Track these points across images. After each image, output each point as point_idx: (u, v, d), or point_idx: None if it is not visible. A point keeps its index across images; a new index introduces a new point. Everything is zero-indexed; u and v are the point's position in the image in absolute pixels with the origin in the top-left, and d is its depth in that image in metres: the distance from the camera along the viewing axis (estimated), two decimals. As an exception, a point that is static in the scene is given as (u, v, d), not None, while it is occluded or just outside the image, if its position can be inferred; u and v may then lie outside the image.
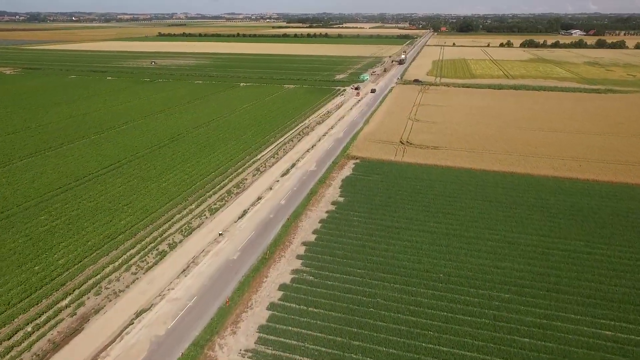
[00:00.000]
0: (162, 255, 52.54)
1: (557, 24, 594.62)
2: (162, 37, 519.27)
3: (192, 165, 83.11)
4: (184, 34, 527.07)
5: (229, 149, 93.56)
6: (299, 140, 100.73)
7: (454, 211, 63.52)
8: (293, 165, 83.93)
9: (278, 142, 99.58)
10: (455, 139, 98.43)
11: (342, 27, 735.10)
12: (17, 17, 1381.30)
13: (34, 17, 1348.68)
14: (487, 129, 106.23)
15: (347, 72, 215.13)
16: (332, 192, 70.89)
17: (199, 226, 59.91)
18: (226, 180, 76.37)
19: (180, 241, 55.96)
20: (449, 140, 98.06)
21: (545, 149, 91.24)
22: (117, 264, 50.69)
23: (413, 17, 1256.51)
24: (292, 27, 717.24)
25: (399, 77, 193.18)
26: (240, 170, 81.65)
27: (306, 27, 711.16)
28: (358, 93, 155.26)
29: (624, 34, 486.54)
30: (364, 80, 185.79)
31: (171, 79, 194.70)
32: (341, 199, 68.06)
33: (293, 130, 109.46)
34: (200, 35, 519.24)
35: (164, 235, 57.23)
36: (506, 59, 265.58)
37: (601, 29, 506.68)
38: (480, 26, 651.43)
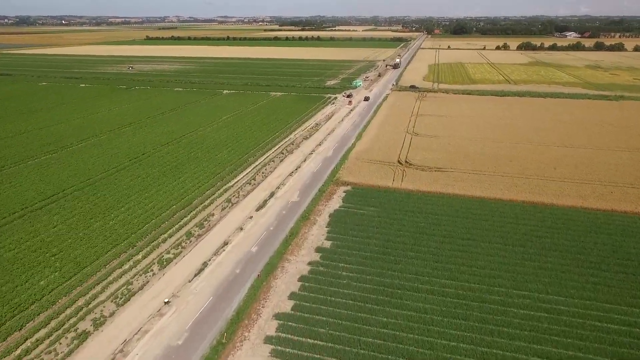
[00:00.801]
0: (81, 340, 38.41)
1: (551, 27, 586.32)
2: (150, 40, 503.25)
3: (150, 195, 68.99)
4: (172, 37, 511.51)
5: (199, 172, 79.48)
6: (281, 161, 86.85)
7: (468, 262, 49.94)
8: (272, 195, 70.04)
9: (257, 162, 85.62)
10: (461, 158, 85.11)
11: (335, 30, 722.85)
12: (5, 20, 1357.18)
13: (23, 21, 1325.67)
14: (496, 145, 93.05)
15: (338, 77, 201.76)
16: (317, 233, 57.11)
17: (141, 288, 45.81)
18: (188, 217, 62.34)
19: (112, 314, 41.86)
20: (454, 159, 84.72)
21: (566, 170, 78.09)
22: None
23: (406, 20, 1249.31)
24: (284, 30, 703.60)
25: (394, 83, 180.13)
26: (207, 201, 67.63)
27: (298, 30, 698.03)
28: (350, 102, 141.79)
29: (620, 36, 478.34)
30: (356, 87, 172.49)
31: (150, 86, 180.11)
32: (328, 244, 54.28)
33: (276, 148, 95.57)
34: (189, 38, 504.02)
35: (92, 305, 43.10)
36: (505, 63, 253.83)
37: (596, 31, 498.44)
38: (474, 28, 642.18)
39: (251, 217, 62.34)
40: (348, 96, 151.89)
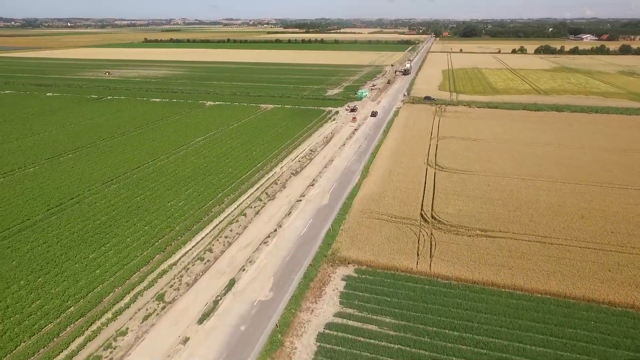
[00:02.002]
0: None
1: (565, 29, 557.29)
2: (148, 43, 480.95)
3: (43, 284, 43.86)
4: (171, 40, 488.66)
5: (131, 238, 54.14)
6: (257, 213, 61.33)
7: None
8: (230, 287, 44.49)
9: (222, 217, 60.17)
10: (511, 211, 59.23)
11: (340, 33, 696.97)
12: (12, 22, 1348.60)
13: (29, 23, 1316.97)
14: (557, 189, 66.90)
15: (341, 85, 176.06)
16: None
17: None
18: (82, 339, 37.05)
19: None
20: (502, 213, 58.86)
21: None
22: None
23: (411, 23, 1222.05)
24: (288, 33, 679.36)
25: (405, 93, 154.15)
26: (121, 308, 42.13)
27: (302, 33, 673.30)
28: (354, 118, 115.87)
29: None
30: (361, 98, 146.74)
31: (125, 95, 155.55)
32: None
33: (253, 190, 70.07)
34: (188, 41, 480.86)
35: None
36: (526, 68, 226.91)
37: (615, 33, 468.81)
38: (483, 31, 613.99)
39: (187, 340, 36.90)
40: (352, 110, 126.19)
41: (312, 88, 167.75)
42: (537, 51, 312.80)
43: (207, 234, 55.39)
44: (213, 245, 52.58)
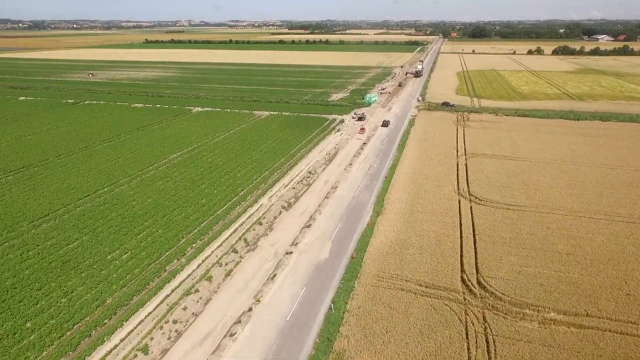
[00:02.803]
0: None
1: (578, 30, 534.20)
2: (148, 43, 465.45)
3: None
4: (172, 41, 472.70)
5: (33, 322, 36.12)
6: (227, 276, 42.99)
7: None
8: None
9: (174, 285, 41.82)
10: (593, 278, 40.56)
11: (345, 34, 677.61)
12: (19, 24, 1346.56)
13: (36, 25, 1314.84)
14: (644, 237, 48.07)
15: (347, 88, 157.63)
16: None
17: None
18: None
19: None
20: (579, 280, 40.23)
21: None
22: None
23: (417, 24, 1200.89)
24: (292, 34, 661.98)
25: (420, 98, 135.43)
26: None
27: (307, 34, 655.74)
28: (363, 129, 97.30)
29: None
30: (370, 103, 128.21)
31: (106, 99, 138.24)
32: None
33: (228, 234, 51.77)
34: (189, 42, 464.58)
35: None
36: (548, 70, 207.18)
37: (632, 34, 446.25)
38: (493, 32, 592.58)
39: None
40: (359, 119, 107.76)
41: (314, 92, 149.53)
42: (555, 52, 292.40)
43: (149, 314, 37.21)
44: (152, 338, 34.39)
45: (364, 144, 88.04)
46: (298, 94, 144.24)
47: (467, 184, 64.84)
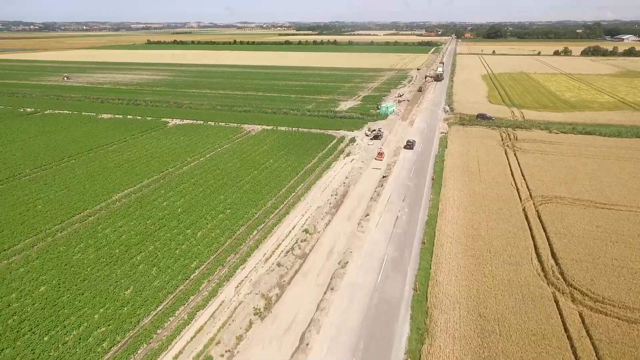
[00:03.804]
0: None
1: (600, 29, 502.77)
2: (150, 44, 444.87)
3: None
4: (174, 42, 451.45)
5: None
6: None
7: None
8: None
9: None
10: None
11: (354, 34, 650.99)
12: (31, 26, 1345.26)
13: (47, 27, 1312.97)
14: None
15: (357, 95, 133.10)
16: None
17: None
18: None
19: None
20: None
21: None
22: None
23: (427, 25, 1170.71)
24: (300, 34, 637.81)
25: (447, 108, 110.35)
26: None
27: (315, 34, 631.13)
28: (380, 153, 72.33)
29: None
30: (387, 115, 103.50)
31: (71, 108, 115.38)
32: None
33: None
34: (192, 42, 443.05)
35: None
36: (585, 73, 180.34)
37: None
38: (508, 32, 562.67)
39: None
40: (375, 137, 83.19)
41: (319, 99, 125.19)
42: (585, 53, 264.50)
43: None
44: None
45: (383, 177, 63.38)
46: (300, 102, 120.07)
47: (555, 258, 40.22)
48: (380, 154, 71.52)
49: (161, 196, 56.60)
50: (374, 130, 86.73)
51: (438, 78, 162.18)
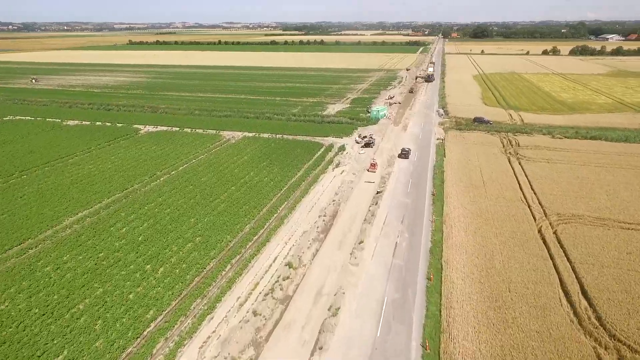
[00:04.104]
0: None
1: (584, 29, 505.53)
2: (131, 45, 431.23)
3: None
4: (157, 42, 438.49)
5: None
6: None
7: None
8: None
9: None
10: None
11: (341, 35, 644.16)
12: (9, 26, 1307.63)
13: (27, 27, 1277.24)
14: None
15: (346, 97, 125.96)
16: None
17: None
18: None
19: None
20: None
21: None
22: None
23: (413, 25, 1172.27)
24: (286, 35, 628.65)
25: (441, 111, 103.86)
26: None
27: (301, 34, 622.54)
28: (373, 164, 64.76)
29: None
30: (378, 119, 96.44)
31: (35, 114, 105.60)
32: None
33: None
34: (175, 43, 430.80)
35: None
36: (576, 72, 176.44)
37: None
38: (495, 32, 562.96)
39: None
40: (366, 144, 75.94)
41: (305, 102, 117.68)
42: (573, 52, 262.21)
43: None
44: None
45: (377, 192, 56.13)
46: (285, 106, 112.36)
47: (587, 298, 33.48)
48: (373, 165, 64.28)
49: (121, 220, 48.40)
50: (365, 136, 79.56)
51: (429, 79, 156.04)
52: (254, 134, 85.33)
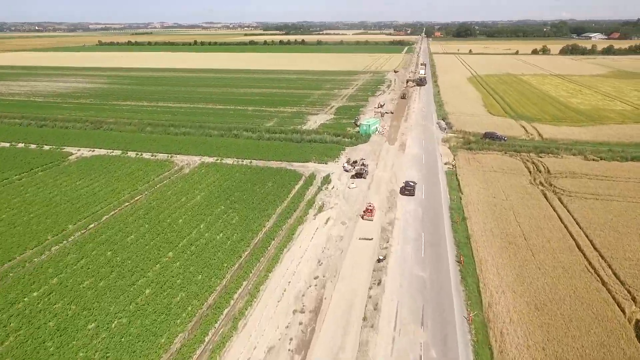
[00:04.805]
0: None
1: (566, 28, 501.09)
2: (101, 46, 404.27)
3: None
4: (128, 43, 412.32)
5: None
6: None
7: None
8: None
9: None
10: None
11: (323, 34, 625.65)
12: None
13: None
14: None
15: (330, 105, 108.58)
16: None
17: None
18: None
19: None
20: None
21: None
22: None
23: (394, 25, 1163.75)
24: (266, 34, 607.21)
25: (443, 123, 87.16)
26: None
27: (282, 34, 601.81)
28: (369, 210, 47.25)
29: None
30: (369, 135, 79.05)
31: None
32: None
33: None
34: (148, 43, 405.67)
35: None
36: (577, 74, 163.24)
37: (628, 32, 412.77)
38: (478, 31, 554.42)
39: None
40: (357, 175, 58.47)
41: (283, 113, 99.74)
42: (563, 52, 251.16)
43: None
44: None
45: (379, 260, 38.65)
46: (258, 117, 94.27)
47: None
48: (370, 211, 46.89)
49: (-25, 331, 29.80)
50: (355, 162, 62.40)
51: (421, 82, 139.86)
52: (214, 159, 67.02)
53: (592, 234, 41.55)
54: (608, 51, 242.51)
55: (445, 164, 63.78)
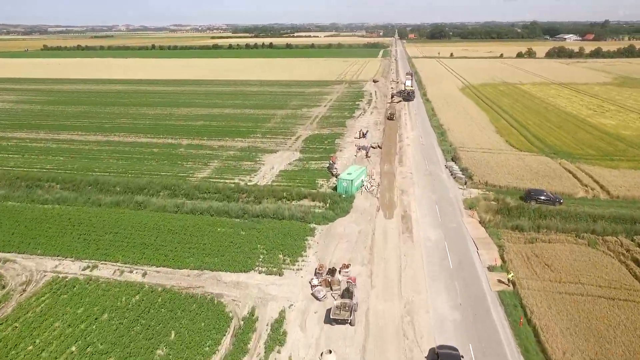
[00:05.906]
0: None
1: (538, 29, 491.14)
2: (46, 51, 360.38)
3: None
4: (78, 47, 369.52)
5: None
6: None
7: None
8: None
9: None
10: None
11: (294, 37, 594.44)
12: None
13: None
14: None
15: (296, 135, 79.87)
16: None
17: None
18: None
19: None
20: None
21: None
22: None
23: (365, 26, 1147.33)
24: (234, 37, 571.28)
25: (454, 168, 60.18)
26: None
27: (251, 37, 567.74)
28: None
29: (629, 39, 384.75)
30: (352, 195, 50.90)
31: None
32: None
33: None
34: (101, 48, 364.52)
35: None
36: (581, 82, 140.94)
37: (602, 33, 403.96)
38: (451, 33, 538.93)
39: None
40: (336, 320, 29.86)
41: (228, 151, 70.23)
42: (549, 55, 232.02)
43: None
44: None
45: None
46: (190, 161, 64.53)
47: None
48: None
49: None
50: (332, 269, 34.18)
51: (409, 97, 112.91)
52: (85, 264, 37.00)
53: None
54: (597, 54, 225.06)
55: (490, 270, 36.26)
